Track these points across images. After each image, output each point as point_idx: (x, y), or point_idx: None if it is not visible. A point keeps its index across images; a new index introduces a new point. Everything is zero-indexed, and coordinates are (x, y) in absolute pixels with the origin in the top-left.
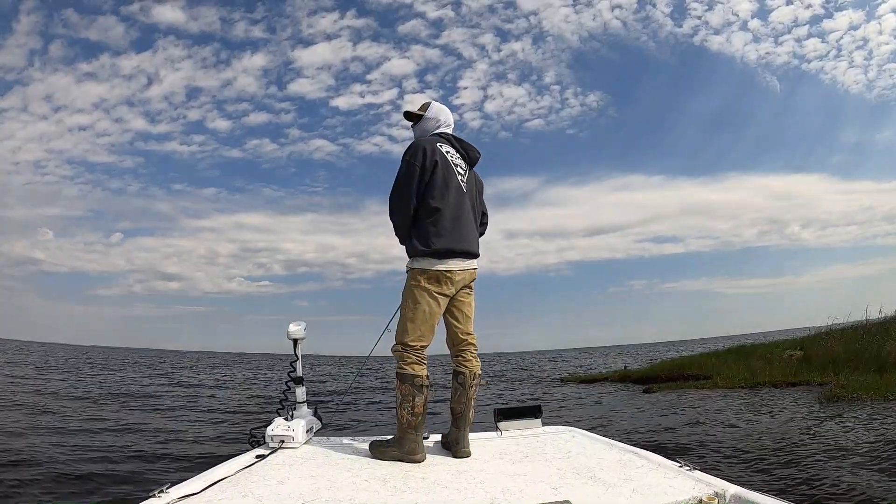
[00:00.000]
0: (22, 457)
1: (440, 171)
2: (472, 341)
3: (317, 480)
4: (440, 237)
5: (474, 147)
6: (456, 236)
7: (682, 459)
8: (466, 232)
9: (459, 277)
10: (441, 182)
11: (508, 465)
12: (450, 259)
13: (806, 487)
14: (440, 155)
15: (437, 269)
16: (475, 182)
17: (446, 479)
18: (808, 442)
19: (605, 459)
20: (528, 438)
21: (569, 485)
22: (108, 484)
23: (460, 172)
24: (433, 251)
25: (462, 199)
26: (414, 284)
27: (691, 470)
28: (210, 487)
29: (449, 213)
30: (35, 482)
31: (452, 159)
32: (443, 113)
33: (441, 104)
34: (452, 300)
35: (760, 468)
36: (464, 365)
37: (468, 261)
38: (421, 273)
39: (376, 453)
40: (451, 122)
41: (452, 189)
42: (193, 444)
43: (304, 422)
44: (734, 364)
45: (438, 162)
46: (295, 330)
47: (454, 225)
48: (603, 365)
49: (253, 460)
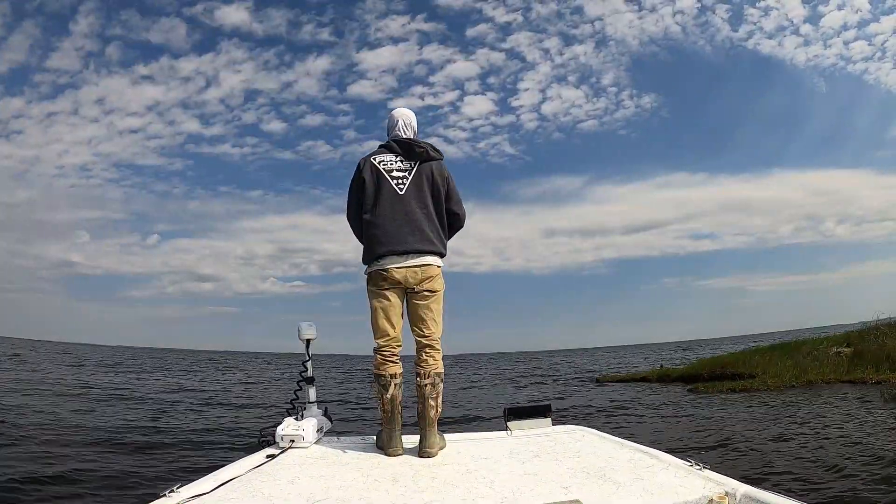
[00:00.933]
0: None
1: (370, 185)
2: (429, 343)
3: (327, 480)
4: (373, 244)
5: (420, 143)
6: (390, 238)
7: (693, 459)
8: (404, 233)
9: (400, 275)
10: (371, 193)
11: (518, 465)
12: (385, 258)
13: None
14: (370, 168)
15: (374, 269)
16: (427, 178)
17: (456, 478)
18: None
19: (615, 458)
20: (537, 438)
21: (579, 484)
22: (113, 483)
23: (396, 177)
24: (371, 256)
25: (397, 203)
26: (366, 289)
27: (702, 469)
28: (220, 487)
29: (381, 220)
30: (45, 480)
31: (387, 166)
32: (393, 119)
33: (400, 109)
34: (409, 304)
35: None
36: (419, 365)
37: (412, 257)
38: (366, 276)
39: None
40: (403, 124)
41: (384, 197)
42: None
43: (314, 421)
44: (780, 361)
45: (366, 178)
46: (308, 331)
47: (388, 228)
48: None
49: (263, 460)
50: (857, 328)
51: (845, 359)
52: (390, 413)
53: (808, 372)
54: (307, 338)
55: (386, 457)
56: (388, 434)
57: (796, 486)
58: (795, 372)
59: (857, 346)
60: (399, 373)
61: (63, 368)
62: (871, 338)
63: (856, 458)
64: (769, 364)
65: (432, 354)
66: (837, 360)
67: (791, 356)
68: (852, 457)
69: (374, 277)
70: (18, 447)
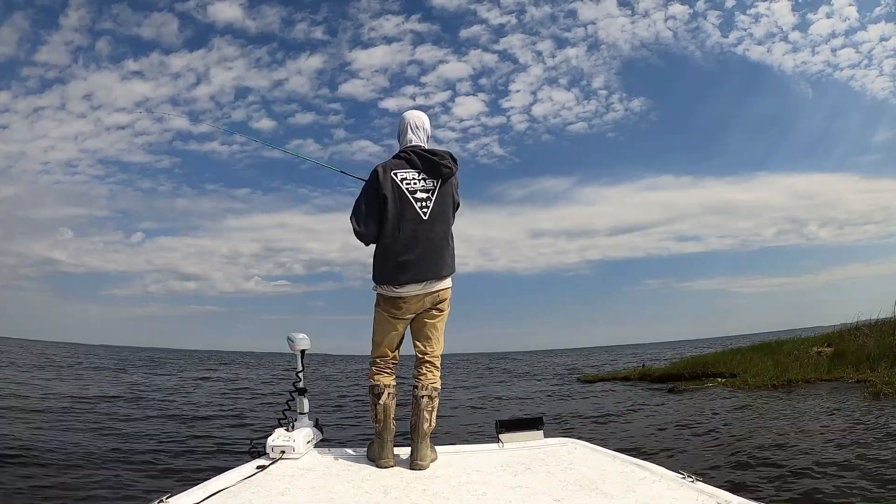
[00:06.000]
0: (22, 461)
1: (392, 206)
2: (429, 359)
3: (317, 492)
4: (393, 271)
5: (443, 157)
6: (412, 266)
7: (685, 471)
8: (428, 262)
9: (417, 302)
10: (394, 216)
11: (510, 478)
12: (404, 286)
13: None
14: (392, 185)
15: (391, 295)
16: (449, 197)
17: (447, 490)
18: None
19: (607, 471)
20: (529, 450)
21: (570, 497)
22: (106, 492)
23: (420, 198)
24: (389, 281)
25: (420, 230)
26: (377, 306)
27: (694, 482)
28: (210, 498)
29: (403, 248)
30: (34, 487)
31: (410, 186)
32: (404, 123)
33: (411, 112)
34: (415, 320)
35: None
36: (418, 379)
37: (431, 284)
38: (378, 297)
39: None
40: (415, 127)
41: (407, 222)
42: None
43: (305, 432)
44: (760, 361)
45: (388, 195)
46: (301, 340)
47: (411, 258)
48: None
49: (254, 471)
50: (838, 329)
51: (826, 359)
52: (383, 422)
53: (789, 371)
54: (302, 349)
55: (377, 468)
56: (380, 445)
57: (778, 486)
58: (776, 371)
59: (837, 346)
60: (393, 384)
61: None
62: (851, 338)
63: (837, 454)
64: (750, 364)
65: (431, 370)
66: (818, 360)
67: (772, 356)
68: (834, 454)
69: (388, 302)
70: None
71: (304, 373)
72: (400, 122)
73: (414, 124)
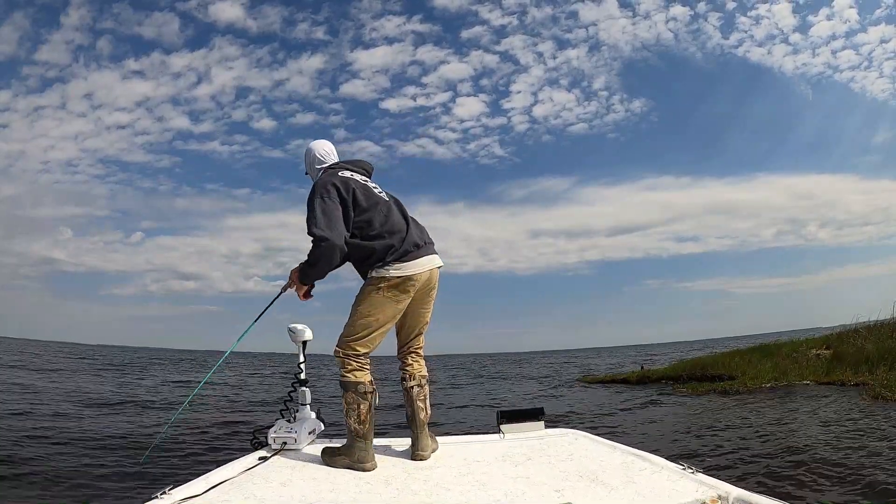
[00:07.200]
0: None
1: (362, 199)
2: (420, 345)
3: (319, 483)
4: (398, 248)
5: (366, 161)
6: (413, 239)
7: (686, 462)
8: (422, 234)
9: (425, 278)
10: (370, 206)
11: (511, 468)
12: (418, 259)
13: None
14: (355, 183)
15: (402, 274)
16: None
17: (449, 481)
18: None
19: (607, 462)
20: (530, 441)
21: (571, 487)
22: (109, 484)
23: (378, 190)
24: (399, 259)
25: (394, 210)
26: (376, 293)
27: (695, 472)
28: (212, 489)
29: (393, 226)
30: (31, 483)
31: (366, 182)
32: (324, 150)
33: (318, 141)
34: (410, 306)
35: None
36: (405, 369)
37: (434, 257)
38: (384, 283)
39: (328, 460)
40: (331, 150)
41: (382, 206)
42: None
43: (307, 424)
44: (759, 363)
45: (358, 195)
46: (303, 332)
47: (404, 232)
48: (617, 364)
49: (256, 462)
50: (836, 331)
51: (824, 361)
52: (368, 424)
53: (788, 373)
54: (304, 340)
55: (378, 458)
56: (364, 448)
57: (778, 485)
58: (775, 374)
59: (836, 348)
60: (371, 380)
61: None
62: (849, 340)
63: (837, 457)
64: (749, 365)
65: (418, 359)
66: (817, 363)
67: (771, 358)
68: (833, 456)
69: (400, 284)
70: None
71: (305, 364)
72: (312, 151)
73: (330, 148)
